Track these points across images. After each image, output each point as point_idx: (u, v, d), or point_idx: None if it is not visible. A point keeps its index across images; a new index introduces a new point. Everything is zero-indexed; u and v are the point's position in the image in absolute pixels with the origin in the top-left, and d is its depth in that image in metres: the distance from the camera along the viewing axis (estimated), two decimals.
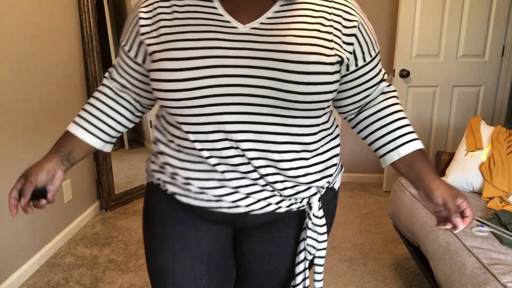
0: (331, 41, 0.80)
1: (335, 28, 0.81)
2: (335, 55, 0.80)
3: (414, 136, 0.91)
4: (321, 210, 0.91)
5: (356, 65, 0.86)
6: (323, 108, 0.82)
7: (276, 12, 0.81)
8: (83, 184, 2.72)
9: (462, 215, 0.81)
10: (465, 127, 3.21)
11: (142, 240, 2.53)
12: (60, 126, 2.41)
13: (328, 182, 0.92)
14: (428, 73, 3.08)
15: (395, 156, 0.91)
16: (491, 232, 1.61)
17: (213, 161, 0.81)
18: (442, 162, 2.24)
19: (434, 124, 3.21)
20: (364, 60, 0.87)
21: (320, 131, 0.87)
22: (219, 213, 0.87)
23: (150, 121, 3.44)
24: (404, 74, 3.03)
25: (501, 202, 1.88)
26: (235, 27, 0.79)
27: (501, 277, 1.31)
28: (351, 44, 0.83)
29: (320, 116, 0.84)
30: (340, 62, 0.82)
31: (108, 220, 2.79)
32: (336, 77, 0.81)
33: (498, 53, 3.06)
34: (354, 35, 0.83)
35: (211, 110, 0.77)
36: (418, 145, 0.90)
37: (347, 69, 0.86)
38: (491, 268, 1.36)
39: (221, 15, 0.80)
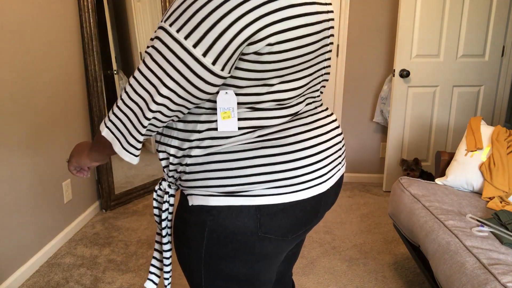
0: None
1: None
2: None
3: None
4: (171, 199, 0.91)
5: None
6: None
7: None
8: (83, 184, 2.72)
9: None
10: (465, 127, 3.21)
11: (142, 240, 2.55)
12: (60, 126, 2.41)
13: (169, 176, 0.89)
14: (428, 73, 3.08)
15: None
16: (491, 232, 1.61)
17: None
18: (442, 162, 2.24)
19: (434, 124, 3.21)
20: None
21: None
22: None
23: None
24: (404, 74, 3.03)
25: (501, 202, 1.88)
26: None
27: (501, 277, 1.31)
28: None
29: None
30: None
31: (108, 220, 2.78)
32: None
33: (498, 53, 3.06)
34: None
35: None
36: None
37: None
38: (491, 268, 1.36)
39: None
